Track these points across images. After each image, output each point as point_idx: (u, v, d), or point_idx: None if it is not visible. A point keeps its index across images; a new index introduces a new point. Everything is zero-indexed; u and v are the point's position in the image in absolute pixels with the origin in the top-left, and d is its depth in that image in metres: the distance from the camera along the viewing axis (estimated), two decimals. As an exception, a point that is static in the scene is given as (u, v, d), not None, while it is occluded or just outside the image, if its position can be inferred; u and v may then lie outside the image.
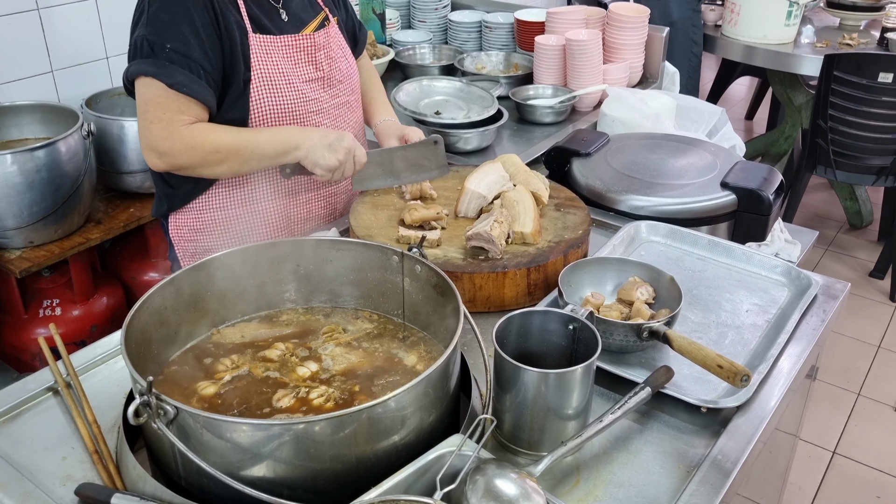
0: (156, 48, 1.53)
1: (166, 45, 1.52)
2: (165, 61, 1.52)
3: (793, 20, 3.65)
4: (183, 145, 1.56)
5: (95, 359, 1.33)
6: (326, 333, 1.33)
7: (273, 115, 1.66)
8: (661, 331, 1.28)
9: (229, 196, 1.74)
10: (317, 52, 1.72)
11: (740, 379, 1.14)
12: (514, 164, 1.77)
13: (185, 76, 1.53)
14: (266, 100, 1.64)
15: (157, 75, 1.52)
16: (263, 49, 1.64)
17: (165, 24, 1.53)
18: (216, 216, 1.76)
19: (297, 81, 1.69)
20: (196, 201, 1.75)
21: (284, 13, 1.70)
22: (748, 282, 1.56)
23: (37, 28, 2.46)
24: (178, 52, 1.52)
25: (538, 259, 1.50)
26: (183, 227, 1.80)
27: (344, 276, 1.37)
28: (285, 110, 1.67)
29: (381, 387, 1.21)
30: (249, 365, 1.25)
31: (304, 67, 1.71)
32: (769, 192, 1.81)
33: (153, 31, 1.53)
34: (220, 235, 1.78)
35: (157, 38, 1.53)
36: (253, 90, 1.62)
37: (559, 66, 2.65)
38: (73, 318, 2.32)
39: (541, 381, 1.09)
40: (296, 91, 1.68)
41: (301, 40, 1.70)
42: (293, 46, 1.69)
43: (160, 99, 1.53)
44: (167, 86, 1.52)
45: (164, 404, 0.97)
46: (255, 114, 1.64)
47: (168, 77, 1.52)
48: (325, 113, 1.75)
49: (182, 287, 1.25)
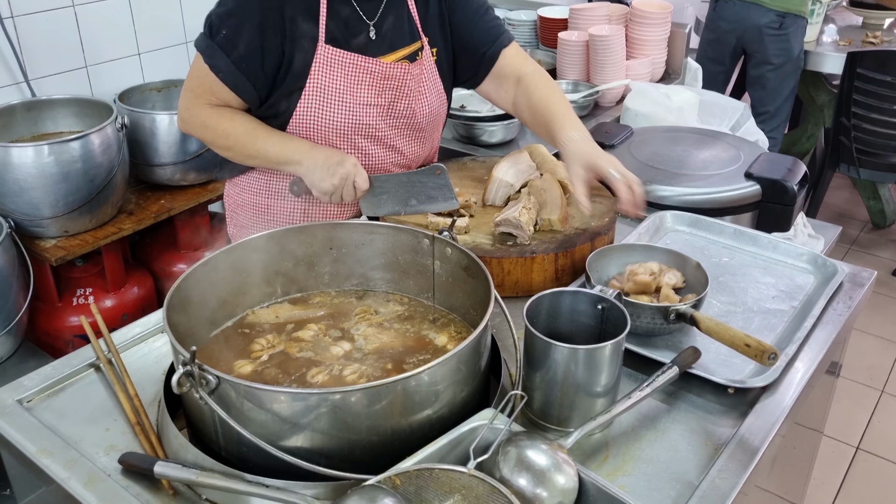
0: (213, 30, 1.58)
1: (222, 30, 1.57)
2: (216, 44, 1.57)
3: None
4: (198, 121, 1.63)
5: (134, 337, 1.37)
6: (359, 315, 1.35)
7: (315, 128, 1.63)
8: (689, 313, 1.29)
9: (267, 185, 1.78)
10: (384, 81, 1.64)
11: (768, 357, 1.16)
12: (540, 153, 1.79)
13: (225, 63, 1.56)
14: (312, 111, 1.62)
15: (204, 53, 1.58)
16: (327, 62, 1.60)
17: (230, 10, 1.57)
18: (251, 200, 1.81)
19: (353, 103, 1.63)
20: (241, 178, 1.81)
21: (374, 31, 1.64)
22: (774, 269, 1.57)
23: (72, 24, 2.51)
24: (229, 41, 1.56)
25: (566, 245, 1.51)
26: (231, 198, 1.88)
27: (375, 260, 1.40)
28: (328, 126, 1.63)
29: (413, 364, 1.23)
30: (284, 344, 1.28)
31: (364, 90, 1.63)
32: (793, 183, 1.82)
33: (218, 14, 1.58)
34: (252, 217, 1.82)
35: (218, 21, 1.57)
36: (303, 98, 1.61)
37: (582, 61, 2.67)
38: (105, 307, 2.37)
39: (571, 358, 1.11)
40: (347, 111, 1.63)
41: (371, 64, 1.62)
42: (360, 68, 1.62)
43: (200, 74, 1.60)
44: (208, 66, 1.58)
45: (207, 374, 1.00)
46: (297, 120, 1.63)
47: (211, 59, 1.57)
48: (378, 140, 1.69)
49: (218, 268, 1.28)
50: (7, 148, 2.12)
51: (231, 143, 1.63)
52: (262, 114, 1.65)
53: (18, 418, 1.17)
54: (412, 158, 1.80)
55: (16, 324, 2.12)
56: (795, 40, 3.49)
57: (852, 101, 3.54)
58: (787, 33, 3.43)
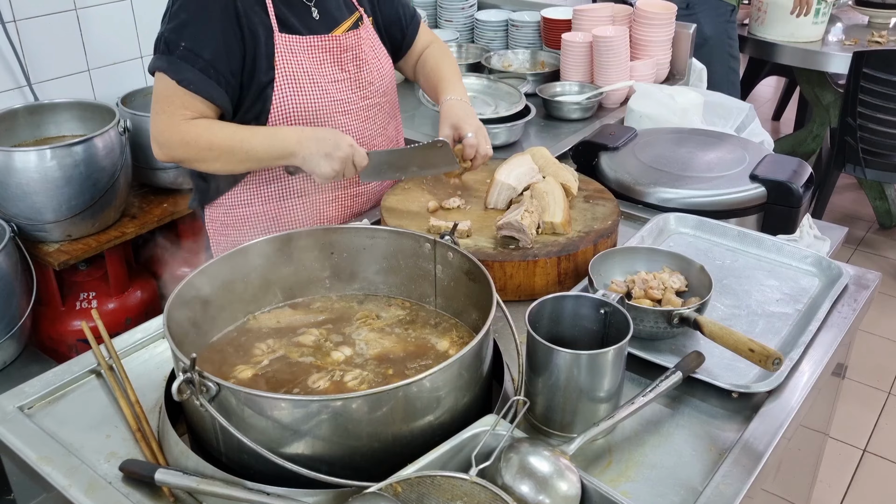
0: (171, 45, 1.57)
1: (181, 43, 1.56)
2: (177, 58, 1.56)
3: (821, 18, 3.63)
4: (179, 139, 1.60)
5: (135, 343, 1.37)
6: (360, 319, 1.35)
7: (296, 115, 1.65)
8: (692, 317, 1.29)
9: (257, 192, 1.76)
10: (343, 54, 1.72)
11: (772, 362, 1.15)
12: (543, 156, 1.79)
13: (193, 74, 1.56)
14: (289, 100, 1.64)
15: (167, 71, 1.56)
16: (289, 49, 1.64)
17: (183, 22, 1.57)
18: (245, 212, 1.79)
19: (323, 82, 1.68)
20: (226, 196, 1.79)
21: (316, 11, 1.71)
22: (778, 272, 1.56)
23: (74, 28, 2.52)
24: (190, 51, 1.56)
25: (568, 248, 1.51)
26: (216, 222, 1.84)
27: (377, 264, 1.39)
28: (308, 110, 1.66)
29: (415, 370, 1.22)
30: (285, 349, 1.27)
31: (329, 68, 1.70)
32: (799, 185, 1.80)
33: (171, 29, 1.58)
34: (248, 231, 1.80)
35: (174, 35, 1.57)
36: (276, 90, 1.63)
37: (586, 62, 2.66)
38: (109, 310, 2.37)
39: (573, 363, 1.10)
40: (321, 91, 1.68)
41: (327, 41, 1.69)
42: (319, 47, 1.68)
43: (168, 93, 1.58)
44: (176, 82, 1.56)
45: (207, 381, 1.00)
46: (277, 113, 1.64)
47: (177, 74, 1.56)
48: (353, 114, 1.74)
49: (219, 273, 1.28)
50: (10, 152, 2.12)
51: (217, 154, 1.60)
52: (240, 119, 1.65)
53: (19, 425, 1.17)
54: (386, 129, 1.85)
55: (19, 329, 2.12)
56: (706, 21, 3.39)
57: (858, 100, 3.52)
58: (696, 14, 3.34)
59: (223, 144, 1.60)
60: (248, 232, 1.80)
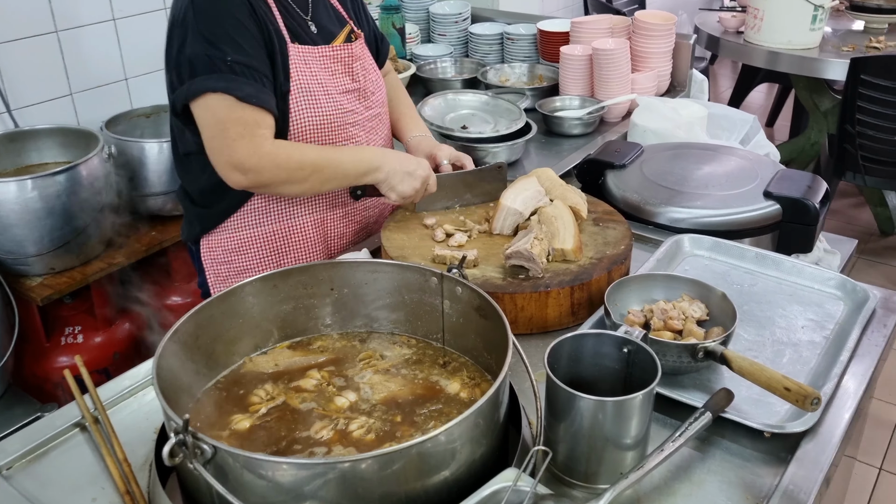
0: (217, 61, 1.46)
1: (227, 57, 1.46)
2: (230, 73, 1.46)
3: (818, 24, 3.58)
4: (270, 162, 1.50)
5: (123, 392, 1.28)
6: (363, 360, 1.27)
7: (313, 127, 1.61)
8: (718, 351, 1.21)
9: (265, 212, 1.69)
10: (353, 63, 1.69)
11: (811, 402, 1.07)
12: (549, 178, 1.71)
13: (252, 87, 1.48)
14: (306, 111, 1.59)
15: (227, 90, 1.45)
16: (302, 59, 1.59)
17: (219, 36, 1.47)
18: (252, 233, 1.71)
19: (335, 92, 1.65)
20: (231, 219, 1.70)
21: (313, 25, 1.66)
22: (801, 296, 1.49)
23: (55, 51, 2.43)
24: (240, 63, 1.47)
25: (581, 277, 1.43)
26: (216, 249, 1.74)
27: (380, 300, 1.31)
28: (324, 122, 1.62)
29: (425, 416, 1.14)
30: (285, 395, 1.19)
31: (340, 78, 1.67)
32: (815, 201, 1.74)
33: (208, 45, 1.46)
34: (256, 253, 1.73)
35: (215, 51, 1.46)
36: (293, 101, 1.57)
37: (586, 76, 2.59)
38: (96, 345, 2.27)
39: (598, 410, 1.02)
40: (334, 102, 1.64)
41: (338, 51, 1.66)
42: (330, 57, 1.65)
43: (235, 114, 1.47)
44: (238, 99, 1.46)
45: (202, 443, 0.91)
46: (296, 126, 1.59)
47: (238, 90, 1.46)
48: (361, 125, 1.71)
49: (212, 315, 1.19)
50: (-11, 183, 2.03)
51: (307, 174, 1.55)
52: None
53: (-2, 489, 1.08)
54: (388, 140, 1.84)
55: (1, 367, 2.02)
56: None
57: (857, 107, 3.47)
58: None
59: (314, 164, 1.55)
60: (255, 255, 1.73)
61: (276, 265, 1.74)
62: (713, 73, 6.51)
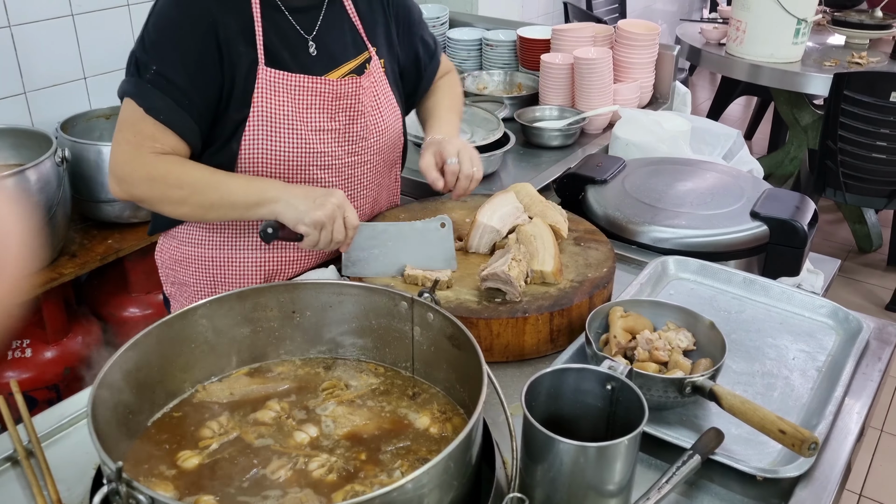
0: (141, 68, 1.40)
1: (152, 66, 1.39)
2: (147, 83, 1.39)
3: (801, 38, 3.55)
4: (144, 174, 1.40)
5: (62, 421, 1.18)
6: (326, 390, 1.18)
7: (265, 162, 1.46)
8: (707, 386, 1.14)
9: (208, 235, 1.59)
10: (335, 102, 1.51)
11: (808, 447, 1.00)
12: (528, 193, 1.64)
13: (164, 102, 1.38)
14: (259, 143, 1.45)
15: (135, 97, 1.39)
16: (271, 85, 1.44)
17: (155, 43, 1.39)
18: (194, 252, 1.61)
19: (304, 129, 1.48)
20: (178, 230, 1.62)
21: (314, 47, 1.50)
22: (791, 324, 1.42)
23: (8, 47, 2.31)
24: (162, 76, 1.38)
25: (562, 302, 1.35)
26: (165, 253, 1.67)
27: (346, 324, 1.23)
28: (279, 158, 1.47)
29: (391, 454, 1.06)
30: (239, 430, 1.10)
31: (315, 114, 1.49)
32: (804, 223, 1.68)
33: (142, 50, 1.40)
34: (195, 272, 1.62)
35: (145, 57, 1.40)
36: (248, 129, 1.44)
37: (566, 85, 2.53)
38: (46, 360, 2.15)
39: (579, 455, 0.94)
40: (298, 139, 1.47)
41: (318, 84, 1.48)
42: (307, 89, 1.47)
43: (135, 121, 1.40)
44: (144, 110, 1.39)
45: (137, 493, 0.82)
46: (245, 157, 1.45)
47: (146, 101, 1.39)
48: (334, 170, 1.54)
49: (160, 340, 1.10)
50: (-69, 186, 1.91)
51: (186, 195, 1.41)
52: (208, 158, 1.47)
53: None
54: (375, 189, 1.65)
55: (-60, 383, 1.91)
56: None
57: (839, 123, 3.45)
58: None
59: (195, 184, 1.41)
60: (194, 273, 1.63)
61: (212, 292, 1.62)
62: (691, 84, 6.50)
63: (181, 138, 1.41)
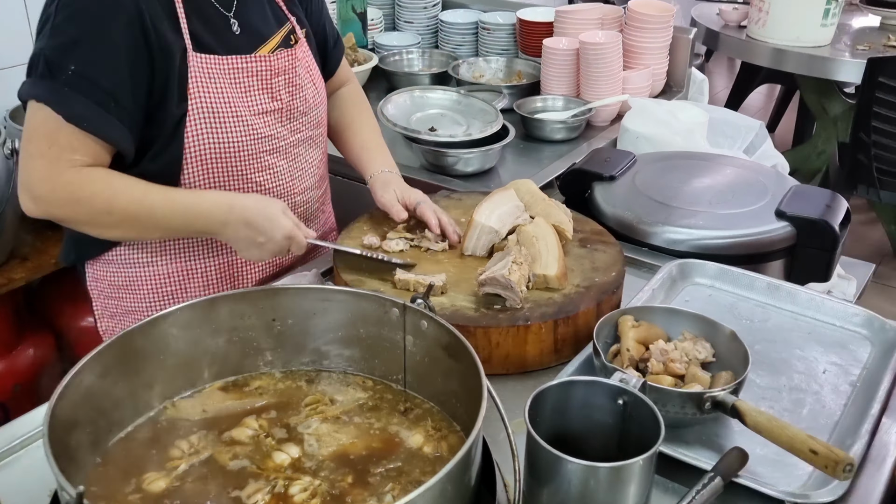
0: (54, 68, 1.34)
1: (69, 66, 1.34)
2: (65, 86, 1.34)
3: (830, 19, 3.58)
4: (66, 194, 1.38)
5: (13, 443, 1.18)
6: (310, 406, 1.20)
7: (213, 157, 1.48)
8: (729, 401, 1.15)
9: (159, 248, 1.57)
10: (274, 78, 1.55)
11: (843, 469, 1.02)
12: (529, 191, 1.67)
13: (87, 107, 1.35)
14: (205, 137, 1.46)
15: (50, 103, 1.34)
16: (205, 73, 1.45)
17: (71, 39, 1.34)
18: (140, 273, 1.59)
19: (247, 114, 1.52)
20: (114, 252, 1.58)
21: (236, 24, 1.53)
22: (821, 334, 1.44)
23: (-48, 28, 2.32)
24: (83, 77, 1.34)
25: (567, 309, 1.37)
26: (102, 282, 1.63)
27: (331, 333, 1.25)
28: (229, 150, 1.50)
29: (381, 477, 1.08)
30: (212, 449, 1.11)
31: (256, 96, 1.53)
32: (835, 223, 1.70)
33: (55, 47, 1.35)
34: (147, 295, 1.61)
35: (59, 55, 1.34)
36: (189, 125, 1.44)
37: (571, 73, 2.56)
38: (-7, 375, 2.17)
39: (589, 476, 0.96)
40: (244, 126, 1.51)
41: (254, 62, 1.52)
42: (244, 70, 1.51)
43: (48, 131, 1.35)
44: (63, 118, 1.34)
45: (100, 520, 0.83)
46: (192, 156, 1.46)
47: (65, 107, 1.34)
48: (282, 152, 1.59)
49: (125, 352, 1.11)
50: None
51: (118, 220, 1.42)
52: (147, 166, 1.46)
53: None
54: (321, 167, 1.74)
55: None
56: None
57: (873, 113, 3.48)
58: None
59: (126, 210, 1.41)
60: (146, 296, 1.61)
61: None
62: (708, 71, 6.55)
63: (112, 146, 1.39)
